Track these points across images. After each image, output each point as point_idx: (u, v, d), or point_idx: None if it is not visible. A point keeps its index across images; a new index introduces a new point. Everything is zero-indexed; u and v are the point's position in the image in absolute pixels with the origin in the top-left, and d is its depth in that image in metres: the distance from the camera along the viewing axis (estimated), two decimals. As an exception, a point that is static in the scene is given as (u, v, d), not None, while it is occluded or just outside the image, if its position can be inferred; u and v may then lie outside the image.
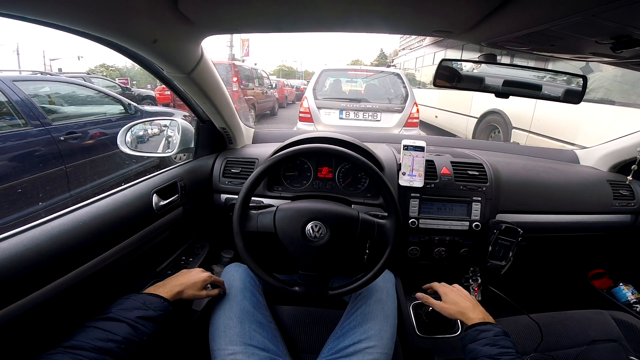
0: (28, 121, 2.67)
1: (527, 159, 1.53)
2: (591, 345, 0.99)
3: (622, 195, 1.38)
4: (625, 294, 1.46)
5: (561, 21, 0.60)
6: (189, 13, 0.72)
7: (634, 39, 0.61)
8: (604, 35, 0.64)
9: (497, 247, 1.16)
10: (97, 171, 3.24)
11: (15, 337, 0.67)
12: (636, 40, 0.61)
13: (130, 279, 1.04)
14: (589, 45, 0.73)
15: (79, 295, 0.80)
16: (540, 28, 0.65)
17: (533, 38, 0.73)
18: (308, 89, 4.65)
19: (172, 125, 1.31)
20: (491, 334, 0.75)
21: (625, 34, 0.61)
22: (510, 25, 0.70)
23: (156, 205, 1.01)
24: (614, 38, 0.64)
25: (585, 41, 0.70)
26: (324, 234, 0.86)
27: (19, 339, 0.68)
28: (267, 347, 0.83)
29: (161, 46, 0.78)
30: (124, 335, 0.66)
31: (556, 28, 0.64)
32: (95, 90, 3.85)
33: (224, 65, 7.92)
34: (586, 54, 0.82)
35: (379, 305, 0.94)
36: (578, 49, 0.80)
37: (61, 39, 40.14)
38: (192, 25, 0.78)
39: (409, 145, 1.21)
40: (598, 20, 0.56)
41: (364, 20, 0.80)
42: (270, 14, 0.77)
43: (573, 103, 1.01)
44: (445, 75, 1.01)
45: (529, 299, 1.63)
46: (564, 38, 0.70)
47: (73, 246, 0.74)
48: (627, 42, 0.62)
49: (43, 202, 2.64)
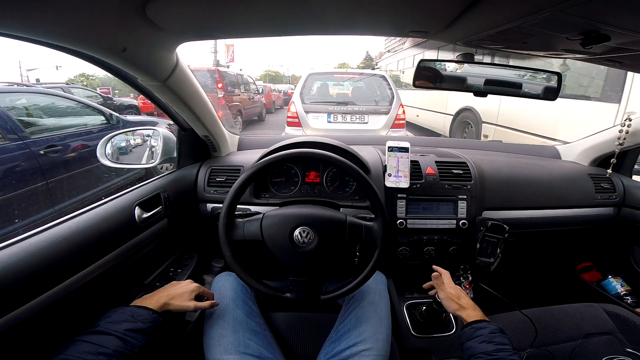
0: (4, 135, 2.57)
1: (510, 156, 1.55)
2: (586, 338, 1.00)
3: (603, 188, 1.41)
4: (615, 286, 1.48)
5: (530, 17, 0.61)
6: (158, 20, 0.71)
7: (601, 34, 0.62)
8: (573, 31, 0.65)
9: (485, 244, 1.17)
10: (82, 185, 3.15)
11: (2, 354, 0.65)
12: (604, 35, 0.62)
13: (118, 292, 1.02)
14: (560, 42, 0.74)
15: (66, 310, 0.78)
16: (511, 25, 0.66)
17: (506, 36, 0.74)
18: (295, 94, 4.65)
19: (155, 135, 1.29)
20: (487, 331, 0.76)
21: (593, 29, 0.62)
22: (483, 24, 0.71)
23: (139, 218, 0.99)
24: (582, 34, 0.65)
25: (556, 37, 0.71)
26: (312, 239, 0.85)
27: (5, 356, 0.66)
28: (263, 355, 0.83)
29: (132, 55, 0.77)
30: (114, 348, 0.65)
31: (527, 25, 0.64)
32: (75, 101, 3.76)
33: (208, 72, 7.86)
34: (559, 50, 0.83)
35: (372, 307, 0.95)
36: (550, 46, 0.82)
37: (38, 49, 39.27)
38: (163, 32, 0.76)
39: (394, 147, 1.21)
40: (566, 16, 0.57)
41: (340, 22, 0.79)
42: (240, 19, 0.76)
43: (549, 100, 1.03)
44: (426, 75, 1.02)
45: (520, 295, 1.65)
46: (535, 35, 0.71)
47: (54, 262, 0.72)
48: (595, 37, 0.63)
49: (25, 219, 2.55)
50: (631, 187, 1.44)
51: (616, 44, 0.68)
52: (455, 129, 6.39)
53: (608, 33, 0.62)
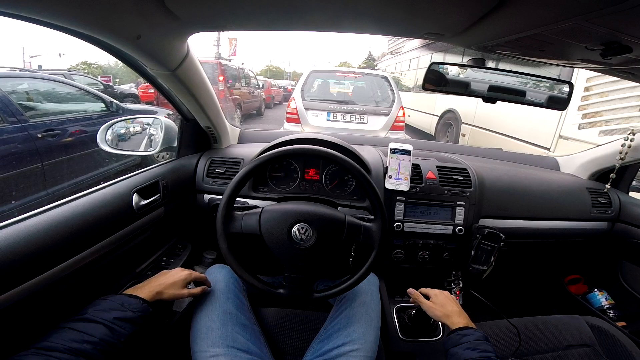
0: (4, 118, 2.58)
1: (510, 165, 1.56)
2: (566, 350, 1.02)
3: (600, 203, 1.42)
4: (599, 299, 1.50)
5: (553, 26, 0.60)
6: (176, 9, 0.70)
7: (623, 45, 0.62)
8: (595, 41, 0.64)
9: (480, 252, 1.18)
10: (77, 169, 3.15)
11: None
12: (626, 46, 0.62)
13: (109, 279, 1.01)
14: (578, 51, 0.73)
15: (54, 295, 0.77)
16: (531, 32, 0.65)
17: (524, 43, 0.74)
18: (296, 90, 4.64)
19: (155, 124, 1.28)
20: (472, 338, 0.77)
21: (615, 40, 0.62)
22: (502, 29, 0.70)
23: (136, 205, 0.98)
24: (604, 44, 0.64)
25: (576, 47, 0.70)
26: (310, 236, 0.85)
27: None
28: (251, 350, 0.82)
29: (145, 42, 0.76)
30: (100, 336, 0.64)
31: (548, 33, 0.64)
32: (76, 88, 3.75)
33: (210, 64, 7.84)
34: (575, 60, 0.82)
35: (363, 308, 0.94)
36: (567, 55, 0.81)
37: (42, 36, 38.96)
38: (179, 21, 0.76)
39: (396, 149, 1.21)
40: (590, 25, 0.56)
41: (356, 21, 0.79)
42: (258, 12, 0.75)
43: (559, 109, 1.03)
44: (433, 79, 1.01)
45: (507, 303, 1.66)
46: (554, 43, 0.71)
47: (48, 246, 0.71)
48: (616, 48, 0.63)
49: (18, 200, 2.54)
50: (627, 203, 1.45)
51: (636, 56, 0.68)
52: (440, 128, 6.95)
53: (630, 45, 0.62)
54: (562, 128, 3.81)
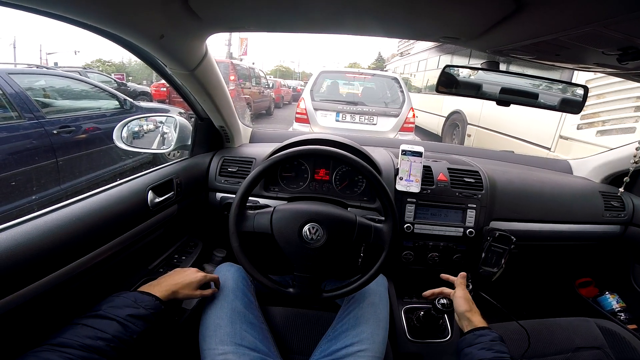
0: (21, 114, 2.64)
1: (522, 168, 1.55)
2: (576, 352, 1.01)
3: (613, 206, 1.40)
4: (610, 302, 1.48)
5: (571, 32, 0.60)
6: (199, 9, 0.72)
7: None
8: (612, 46, 0.64)
9: (490, 254, 1.17)
10: (90, 165, 3.21)
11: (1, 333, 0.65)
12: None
13: (122, 276, 1.03)
14: (594, 56, 0.73)
15: (69, 291, 0.78)
16: (548, 38, 0.65)
17: (540, 47, 0.73)
18: (305, 90, 4.64)
19: (168, 122, 1.30)
20: (488, 339, 0.77)
21: (633, 45, 0.61)
22: (519, 34, 0.70)
23: (151, 202, 1.00)
24: (621, 49, 0.64)
25: (592, 52, 0.70)
26: (321, 236, 0.85)
27: (5, 335, 0.67)
28: (258, 348, 0.83)
29: (167, 42, 0.78)
30: (113, 333, 0.65)
31: (564, 38, 0.64)
32: (91, 85, 3.81)
33: (222, 64, 7.91)
34: (590, 64, 0.82)
35: (372, 308, 0.95)
36: (583, 59, 0.80)
37: (59, 33, 39.53)
38: (200, 21, 0.77)
39: (407, 151, 1.21)
40: (607, 31, 0.56)
41: (377, 24, 0.79)
42: (277, 14, 0.76)
43: (572, 113, 1.01)
44: (446, 81, 1.01)
45: (517, 305, 1.64)
46: (570, 48, 0.70)
47: (66, 242, 0.72)
48: (634, 53, 0.62)
49: (33, 195, 2.60)
50: None
51: None
52: (447, 129, 7.00)
53: None
54: (562, 128, 3.90)
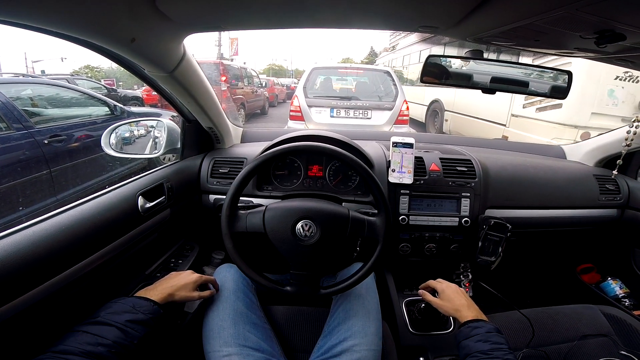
0: (10, 125, 2.59)
1: (515, 155, 1.54)
2: (582, 340, 1.00)
3: (608, 189, 1.40)
4: (613, 288, 1.48)
5: (545, 15, 0.60)
6: (168, 11, 0.70)
7: (617, 34, 0.61)
8: (588, 30, 0.64)
9: (487, 243, 1.17)
10: (85, 174, 3.17)
11: (2, 342, 0.65)
12: (619, 34, 0.61)
13: (119, 282, 1.02)
14: (573, 40, 0.73)
15: (67, 299, 0.78)
16: (524, 22, 0.65)
17: (518, 33, 0.73)
18: (298, 88, 4.62)
19: (159, 126, 1.29)
20: (483, 331, 0.76)
21: (608, 28, 0.61)
22: (496, 20, 0.70)
23: (142, 208, 0.99)
24: (597, 32, 0.64)
25: (570, 36, 0.70)
26: (315, 232, 0.85)
27: (6, 344, 0.67)
28: (262, 348, 0.83)
29: (140, 45, 0.76)
30: (113, 339, 0.65)
31: (540, 22, 0.64)
32: (80, 92, 3.77)
33: (212, 65, 7.86)
34: (571, 49, 0.82)
35: (359, 300, 0.94)
36: (563, 44, 0.80)
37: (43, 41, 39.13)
38: (172, 23, 0.76)
39: (398, 142, 1.21)
40: (581, 14, 0.56)
41: (349, 15, 0.79)
42: (250, 11, 0.75)
43: (559, 99, 1.02)
44: (432, 71, 1.00)
45: (519, 294, 1.65)
46: (548, 33, 0.70)
47: (57, 250, 0.72)
48: (610, 36, 0.62)
49: (28, 207, 2.56)
50: (636, 188, 1.43)
51: (631, 44, 0.67)
52: (429, 117, 7.81)
53: (624, 32, 0.61)
54: (513, 108, 4.90)
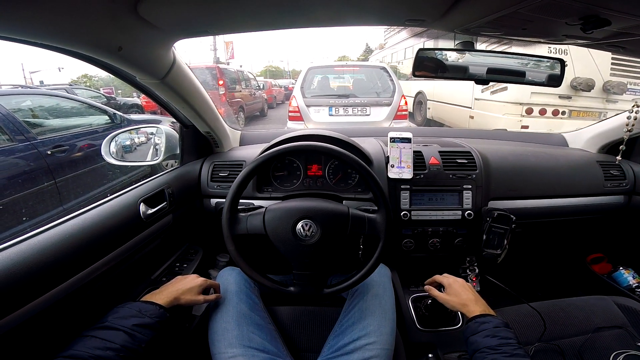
0: (12, 137, 2.61)
1: (516, 145, 1.53)
2: (596, 332, 0.98)
3: (613, 175, 1.38)
4: (626, 278, 1.44)
5: (527, 3, 0.59)
6: (151, 18, 0.71)
7: (601, 19, 0.61)
8: (573, 16, 0.64)
9: (492, 235, 1.16)
10: (89, 183, 3.19)
11: (12, 349, 0.67)
12: (604, 19, 0.61)
13: (126, 287, 1.04)
14: (560, 28, 0.72)
15: (75, 305, 0.80)
16: (509, 11, 0.64)
17: (504, 22, 0.73)
18: (296, 88, 4.63)
19: (159, 133, 1.30)
20: (491, 326, 0.75)
21: (592, 13, 0.61)
22: (480, 10, 0.69)
23: (144, 214, 1.00)
24: (582, 18, 0.63)
25: (556, 23, 0.69)
26: (315, 232, 0.85)
27: (16, 351, 0.68)
28: (267, 349, 0.83)
29: (128, 53, 0.77)
30: (121, 343, 0.66)
31: (524, 10, 0.63)
32: (79, 102, 3.80)
33: (208, 69, 7.86)
34: (559, 36, 0.81)
35: (376, 300, 0.94)
36: (550, 32, 0.80)
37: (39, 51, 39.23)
38: (158, 30, 0.76)
39: (396, 138, 1.20)
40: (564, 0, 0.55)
41: (334, 12, 0.79)
42: (233, 14, 0.76)
43: (554, 87, 1.02)
44: (426, 65, 1.00)
45: (529, 288, 1.62)
46: (534, 21, 0.70)
47: (62, 258, 0.73)
48: (595, 22, 0.62)
49: (34, 218, 2.57)
50: None
51: (618, 29, 0.67)
52: (415, 107, 8.41)
53: (608, 17, 0.61)
54: (475, 93, 5.56)
